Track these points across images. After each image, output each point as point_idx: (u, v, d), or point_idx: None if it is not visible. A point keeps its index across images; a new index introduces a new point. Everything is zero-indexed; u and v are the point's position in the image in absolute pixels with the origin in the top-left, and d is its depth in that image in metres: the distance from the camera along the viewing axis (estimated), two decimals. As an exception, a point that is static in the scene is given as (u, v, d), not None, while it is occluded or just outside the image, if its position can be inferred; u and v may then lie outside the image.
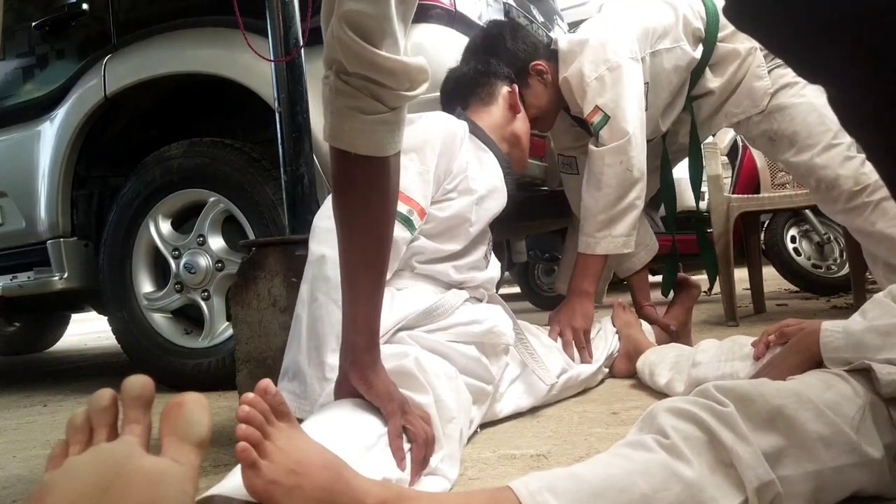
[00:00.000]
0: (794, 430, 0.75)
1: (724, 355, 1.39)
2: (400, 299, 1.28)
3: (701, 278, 4.62)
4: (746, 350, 1.33)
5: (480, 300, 1.48)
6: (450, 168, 1.40)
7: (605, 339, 1.78)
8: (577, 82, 1.89)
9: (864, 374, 0.83)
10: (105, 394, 0.60)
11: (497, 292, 1.58)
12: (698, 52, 2.00)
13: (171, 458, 0.57)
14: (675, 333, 1.93)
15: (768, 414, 0.76)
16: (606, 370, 1.78)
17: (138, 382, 0.59)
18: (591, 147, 1.88)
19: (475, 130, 1.59)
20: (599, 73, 1.85)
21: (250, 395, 0.72)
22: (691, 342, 1.92)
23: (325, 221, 1.24)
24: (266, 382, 0.73)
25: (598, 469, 0.74)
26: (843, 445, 0.76)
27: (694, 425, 0.75)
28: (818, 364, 0.90)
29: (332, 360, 1.13)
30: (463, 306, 1.36)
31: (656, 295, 2.17)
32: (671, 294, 2.12)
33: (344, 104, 0.89)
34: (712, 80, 2.04)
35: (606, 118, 1.83)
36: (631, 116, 1.83)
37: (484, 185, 1.46)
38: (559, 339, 1.72)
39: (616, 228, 1.85)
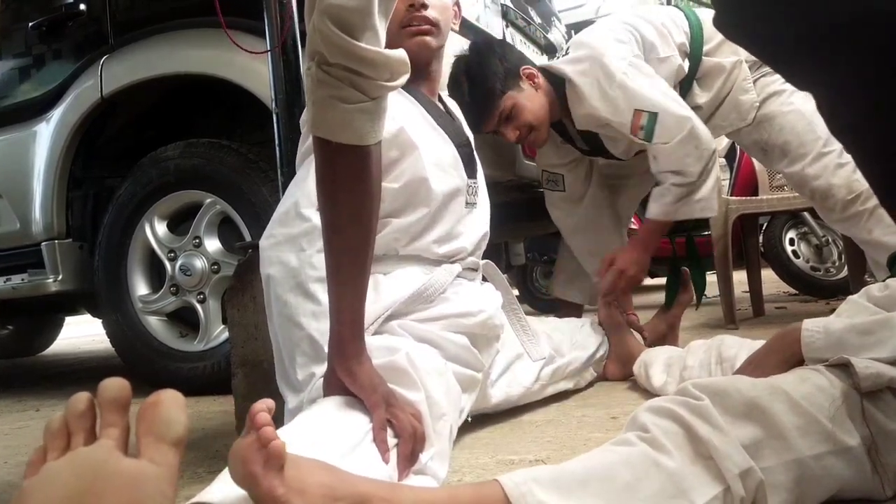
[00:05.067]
0: (770, 421, 0.77)
1: (713, 358, 1.40)
2: (386, 285, 1.26)
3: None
4: (732, 352, 1.36)
5: (475, 270, 1.45)
6: None
7: (592, 337, 1.77)
8: (603, 104, 1.85)
9: (841, 368, 0.84)
10: (81, 398, 0.59)
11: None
12: (686, 66, 2.01)
13: (149, 460, 0.56)
14: (651, 341, 1.93)
15: (744, 406, 0.78)
16: (595, 374, 1.77)
17: (115, 385, 0.59)
18: (657, 145, 1.83)
19: None
20: (619, 80, 1.83)
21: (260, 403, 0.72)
22: (678, 345, 1.92)
23: (266, 241, 1.25)
24: (263, 419, 0.70)
25: (582, 462, 0.76)
26: (819, 434, 0.77)
27: (671, 420, 0.77)
28: (798, 363, 0.91)
29: (300, 373, 1.16)
30: (455, 287, 1.34)
31: (653, 299, 2.16)
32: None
33: (325, 94, 0.91)
34: (700, 96, 2.04)
35: (654, 116, 1.81)
36: (674, 101, 1.82)
37: (422, 137, 1.38)
38: (603, 278, 1.78)
39: (696, 194, 1.84)
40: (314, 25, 0.87)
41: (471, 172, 1.48)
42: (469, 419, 1.32)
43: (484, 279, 1.51)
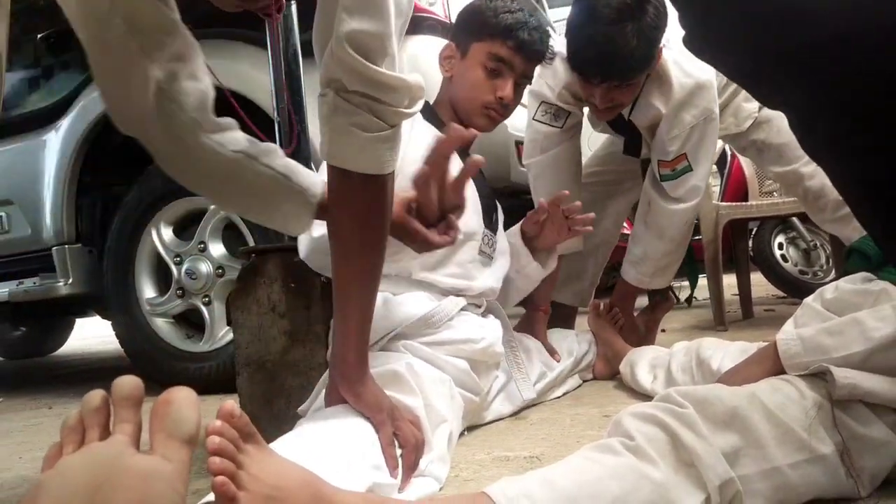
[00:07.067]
0: (749, 430, 0.79)
1: (693, 361, 1.43)
2: (395, 304, 1.29)
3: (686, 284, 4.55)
4: (708, 353, 1.39)
5: (479, 306, 1.49)
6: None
7: (579, 346, 1.81)
8: (674, 122, 1.80)
9: (816, 377, 0.86)
10: (96, 394, 0.60)
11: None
12: None
13: (161, 456, 0.56)
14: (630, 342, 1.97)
15: (725, 415, 0.80)
16: (581, 381, 1.81)
17: (128, 382, 0.59)
18: (665, 205, 1.87)
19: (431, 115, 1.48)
20: (697, 122, 1.81)
21: (217, 422, 0.67)
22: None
23: (303, 237, 1.28)
24: (230, 406, 0.67)
25: (570, 474, 0.76)
26: (794, 443, 0.80)
27: (656, 427, 0.79)
28: (779, 373, 0.92)
29: None
30: (460, 317, 1.36)
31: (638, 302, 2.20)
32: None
33: (344, 121, 0.89)
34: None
35: (689, 169, 1.82)
36: (705, 174, 1.86)
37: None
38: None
39: (670, 269, 1.96)
40: (332, 52, 0.86)
41: (489, 223, 1.51)
42: (465, 432, 1.35)
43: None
